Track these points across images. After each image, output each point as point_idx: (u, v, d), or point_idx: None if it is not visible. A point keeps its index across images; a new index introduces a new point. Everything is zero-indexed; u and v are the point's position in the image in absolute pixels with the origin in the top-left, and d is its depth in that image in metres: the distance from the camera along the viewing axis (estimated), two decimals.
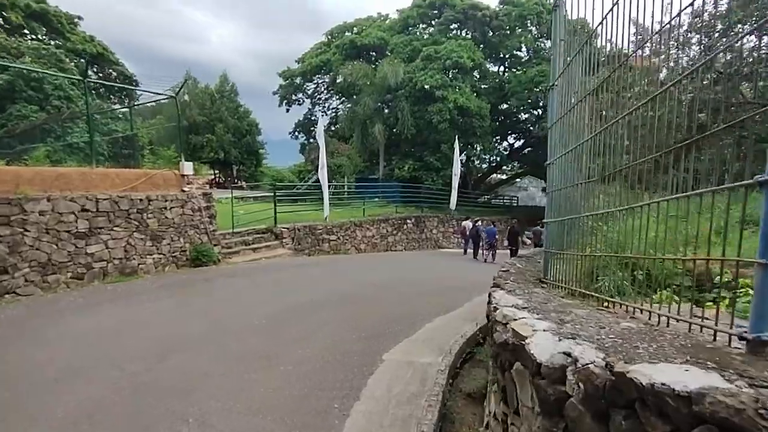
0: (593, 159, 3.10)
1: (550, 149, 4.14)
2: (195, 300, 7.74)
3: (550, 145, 4.17)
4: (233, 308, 7.22)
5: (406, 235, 20.04)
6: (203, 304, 7.49)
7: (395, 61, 22.55)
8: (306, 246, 14.71)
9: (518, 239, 15.85)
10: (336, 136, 26.46)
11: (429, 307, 8.19)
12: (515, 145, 33.37)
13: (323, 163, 15.94)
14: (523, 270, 5.44)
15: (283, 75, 32.95)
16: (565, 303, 3.04)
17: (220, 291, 8.48)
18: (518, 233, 15.91)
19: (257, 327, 6.23)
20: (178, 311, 6.94)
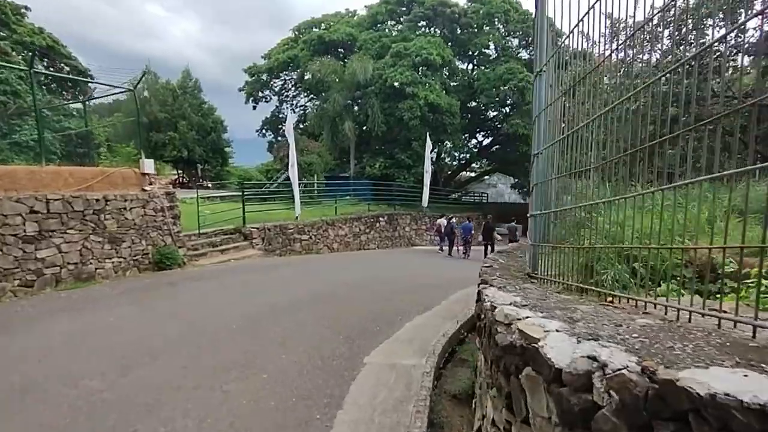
0: (589, 147, 2.95)
1: (537, 139, 4.00)
2: (160, 305, 7.23)
3: (536, 134, 4.03)
4: (203, 313, 6.78)
5: (379, 234, 19.83)
6: (169, 309, 7.00)
7: (364, 58, 22.25)
8: (277, 246, 14.24)
9: (493, 235, 15.97)
10: (305, 133, 25.91)
11: (407, 306, 8.01)
12: (484, 142, 33.78)
13: (293, 160, 15.49)
14: (506, 265, 5.31)
15: (249, 71, 32.04)
16: (564, 299, 2.88)
17: (187, 295, 7.99)
18: (493, 229, 16.02)
19: (230, 332, 5.84)
20: (142, 318, 6.44)
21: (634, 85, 2.53)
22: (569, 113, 3.41)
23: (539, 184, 3.97)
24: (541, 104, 3.92)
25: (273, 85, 34.17)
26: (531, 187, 5.23)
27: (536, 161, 4.00)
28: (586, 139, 2.96)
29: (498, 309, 2.55)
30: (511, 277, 4.34)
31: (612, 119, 2.65)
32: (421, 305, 8.18)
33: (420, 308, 7.96)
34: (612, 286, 2.72)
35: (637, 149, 2.44)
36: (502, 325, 2.44)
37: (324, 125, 23.85)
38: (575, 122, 3.15)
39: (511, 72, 23.32)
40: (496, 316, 2.54)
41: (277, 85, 34.42)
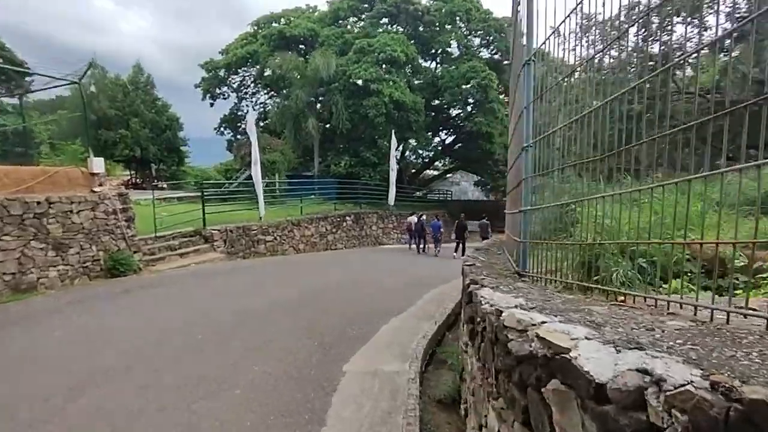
0: (593, 137, 2.79)
1: (526, 132, 3.83)
2: (114, 317, 6.60)
3: (525, 127, 3.86)
4: (163, 323, 6.23)
5: (346, 233, 19.47)
6: (125, 320, 6.40)
7: (328, 53, 21.76)
8: (240, 248, 13.61)
9: (465, 233, 16.07)
10: (267, 131, 25.09)
11: (382, 308, 7.76)
12: (447, 140, 34.02)
13: (256, 158, 14.86)
14: (489, 263, 5.16)
15: (205, 67, 30.70)
16: (569, 299, 2.70)
17: (144, 304, 7.37)
18: (465, 227, 16.09)
19: (195, 344, 5.37)
20: (93, 332, 5.83)
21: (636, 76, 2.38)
22: (571, 103, 3.24)
23: (528, 179, 3.81)
24: (530, 96, 3.76)
25: (231, 82, 32.95)
26: (513, 183, 5.10)
27: (524, 155, 3.83)
28: (586, 131, 2.79)
29: (507, 313, 2.33)
30: (499, 275, 4.17)
31: (614, 110, 2.49)
32: (396, 306, 7.96)
33: (395, 310, 7.74)
34: (620, 285, 2.57)
35: (643, 141, 2.29)
36: (513, 332, 2.22)
37: (286, 122, 23.15)
38: (573, 114, 2.99)
39: (474, 70, 23.52)
40: (505, 322, 2.31)
41: (236, 81, 33.22)
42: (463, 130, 32.19)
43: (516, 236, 4.51)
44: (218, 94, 32.73)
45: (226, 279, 9.72)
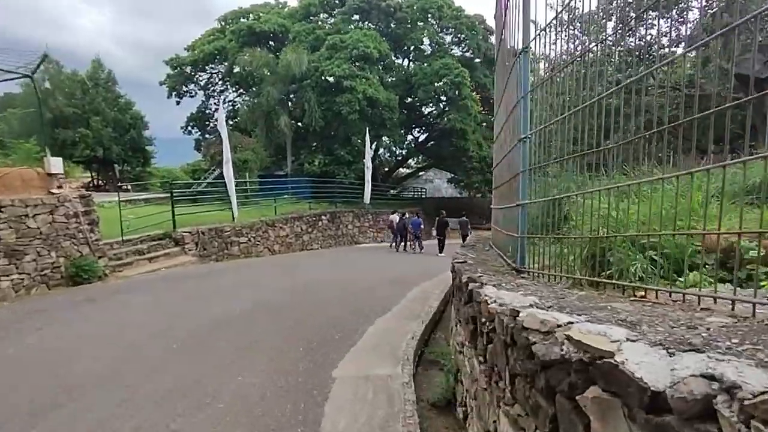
0: (593, 128, 2.66)
1: (523, 123, 3.68)
2: (77, 327, 6.12)
3: (521, 118, 3.71)
4: (134, 332, 5.81)
5: (322, 233, 19.12)
6: (90, 331, 5.93)
7: (299, 49, 21.28)
8: (213, 251, 13.09)
9: (446, 230, 16.42)
10: (237, 129, 24.38)
11: (366, 308, 7.55)
12: (420, 138, 34.05)
13: (228, 157, 14.33)
14: (480, 260, 5.03)
15: (170, 63, 29.54)
16: (585, 296, 2.57)
17: (111, 312, 6.88)
18: (446, 224, 16.42)
19: (171, 354, 5.01)
20: (54, 347, 5.35)
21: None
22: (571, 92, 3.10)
23: (526, 171, 3.68)
24: (527, 85, 3.62)
25: (198, 79, 31.89)
26: (502, 178, 4.97)
27: (521, 147, 3.69)
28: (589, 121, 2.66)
29: (525, 314, 2.16)
30: (496, 272, 4.02)
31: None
32: (380, 306, 7.76)
33: (379, 310, 7.54)
34: (637, 279, 2.45)
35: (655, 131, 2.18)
36: (536, 334, 2.05)
37: (257, 120, 22.53)
38: (579, 101, 2.85)
39: (447, 67, 23.54)
40: (524, 323, 2.14)
41: (203, 79, 32.18)
42: (436, 127, 32.28)
43: (511, 231, 4.39)
44: (184, 92, 31.61)
45: (199, 283, 9.27)
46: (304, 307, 7.36)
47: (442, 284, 10.82)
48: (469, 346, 3.54)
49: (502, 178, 5.09)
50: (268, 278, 10.22)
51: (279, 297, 8.03)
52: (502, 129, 4.94)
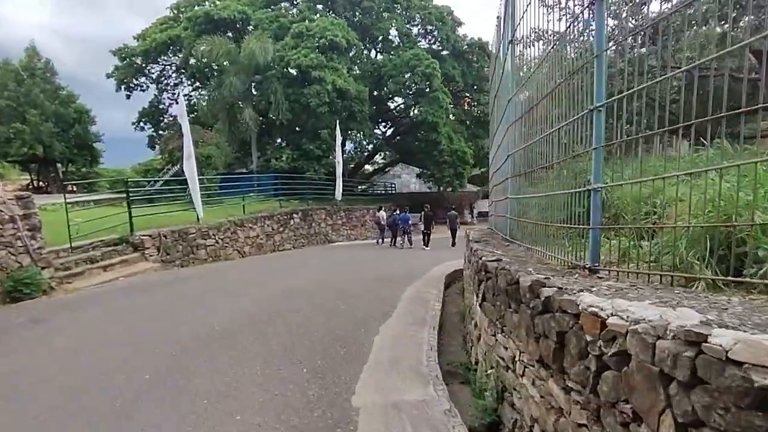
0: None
1: (596, 88, 2.96)
2: (13, 358, 4.92)
3: (595, 82, 2.99)
4: (89, 360, 4.72)
5: (294, 232, 18.03)
6: (31, 361, 4.77)
7: (264, 37, 19.94)
8: (177, 256, 11.80)
9: (432, 224, 16.86)
10: (197, 123, 22.73)
11: (364, 315, 6.74)
12: (387, 133, 33.32)
13: (190, 152, 13.01)
14: (515, 257, 4.34)
15: (118, 54, 27.19)
16: (743, 302, 1.90)
17: (59, 335, 5.68)
18: (432, 218, 16.87)
19: (138, 390, 3.98)
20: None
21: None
22: None
23: (601, 149, 2.97)
24: (601, 41, 2.91)
25: (150, 71, 29.66)
26: (519, 167, 4.29)
27: (595, 118, 2.97)
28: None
29: (727, 340, 1.42)
30: (556, 272, 3.33)
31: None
32: (379, 311, 6.97)
33: (379, 315, 6.75)
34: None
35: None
36: (757, 371, 1.33)
37: (219, 114, 21.01)
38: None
39: (418, 58, 22.88)
40: (730, 354, 1.40)
41: (155, 71, 29.97)
42: (403, 122, 31.68)
43: (548, 222, 3.71)
44: (135, 86, 29.31)
45: (165, 294, 8.11)
46: (293, 318, 6.44)
47: (434, 282, 10.14)
48: (546, 367, 2.80)
49: (533, 162, 4.41)
50: (244, 285, 9.17)
51: (261, 307, 7.06)
52: (500, 118, 4.22)
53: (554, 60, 3.93)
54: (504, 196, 6.26)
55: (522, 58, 5.46)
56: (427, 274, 10.95)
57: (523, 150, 4.83)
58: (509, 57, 5.58)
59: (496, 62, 7.92)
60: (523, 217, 4.85)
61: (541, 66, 4.28)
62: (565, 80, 3.49)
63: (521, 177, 4.97)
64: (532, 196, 4.44)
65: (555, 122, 3.73)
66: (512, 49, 5.50)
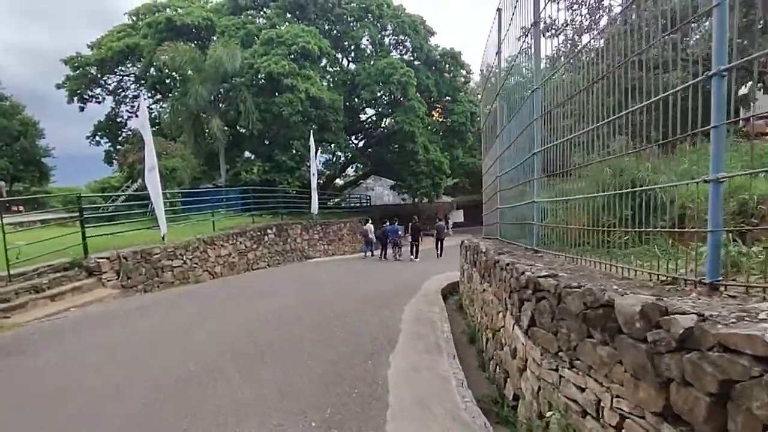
0: None
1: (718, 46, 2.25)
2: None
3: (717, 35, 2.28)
4: (30, 425, 3.58)
5: (269, 249, 16.83)
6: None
7: (231, 43, 18.86)
8: (140, 280, 10.48)
9: (420, 234, 16.87)
10: (160, 136, 21.24)
11: (366, 341, 5.87)
12: (360, 144, 32.58)
13: (153, 163, 11.75)
14: (574, 270, 3.60)
15: (71, 63, 25.28)
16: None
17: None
18: (420, 229, 16.90)
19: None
20: None
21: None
22: None
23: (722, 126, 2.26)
24: None
25: (106, 82, 27.84)
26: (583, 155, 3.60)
27: (715, 85, 2.26)
28: None
29: None
30: (665, 290, 2.58)
31: None
32: (383, 336, 6.09)
33: (384, 341, 5.87)
34: None
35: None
36: None
37: (184, 125, 19.63)
38: None
39: (393, 66, 22.35)
40: None
41: (113, 82, 28.17)
42: (375, 133, 31.06)
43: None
44: (89, 97, 27.41)
45: (126, 326, 6.89)
46: (285, 349, 5.45)
47: (432, 298, 9.33)
48: (681, 424, 2.02)
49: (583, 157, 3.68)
50: (220, 310, 8.05)
51: (245, 337, 6.01)
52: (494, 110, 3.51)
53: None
54: (523, 200, 5.55)
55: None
56: (421, 290, 10.14)
57: (560, 145, 4.12)
58: (537, 46, 4.92)
59: (498, 58, 7.32)
60: (558, 221, 4.13)
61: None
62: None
63: (556, 176, 4.26)
64: (584, 197, 3.71)
65: (615, 110, 3.03)
66: (537, 33, 4.83)
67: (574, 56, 3.90)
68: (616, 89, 3.16)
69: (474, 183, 38.84)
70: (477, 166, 34.93)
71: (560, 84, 4.25)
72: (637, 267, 2.97)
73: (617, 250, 3.50)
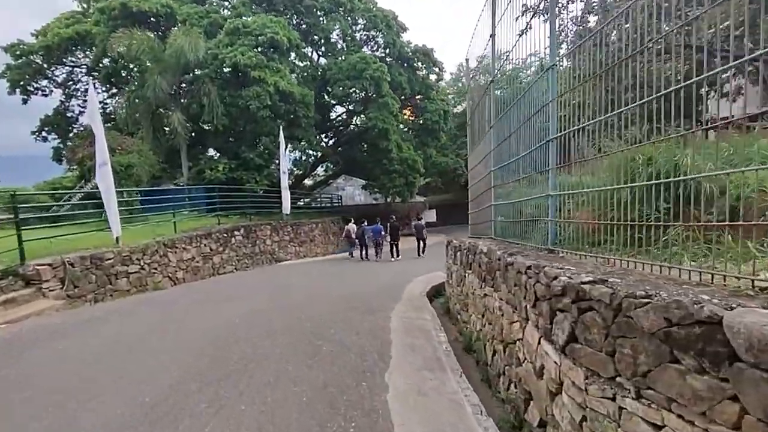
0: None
1: None
2: None
3: None
4: None
5: (236, 252, 15.73)
6: None
7: (194, 32, 17.58)
8: (89, 288, 9.30)
9: (399, 234, 16.93)
10: (116, 129, 19.63)
11: (355, 356, 5.15)
12: (329, 143, 31.60)
13: (105, 158, 10.53)
14: (613, 274, 3.00)
15: (11, 51, 23.05)
16: None
17: None
18: (399, 228, 17.07)
19: None
20: None
21: None
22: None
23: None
24: None
25: (53, 74, 25.65)
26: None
27: None
28: None
29: None
30: (728, 295, 1.99)
31: None
32: (372, 349, 5.40)
33: (374, 356, 5.19)
34: None
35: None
36: None
37: (142, 119, 18.19)
38: None
39: (366, 61, 21.61)
40: None
41: (62, 73, 25.99)
42: (345, 131, 30.26)
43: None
44: (35, 89, 25.15)
45: (69, 347, 5.84)
46: (262, 372, 4.64)
47: (419, 302, 8.68)
48: None
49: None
50: (183, 322, 7.08)
51: (213, 356, 5.14)
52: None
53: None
54: (531, 194, 4.98)
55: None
56: (405, 292, 9.48)
57: (588, 128, 3.53)
58: (553, 18, 4.33)
59: (491, 42, 6.74)
60: (581, 216, 3.54)
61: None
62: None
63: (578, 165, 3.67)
64: (616, 187, 3.11)
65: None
66: (553, 3, 4.25)
67: (612, 20, 3.31)
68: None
69: (447, 182, 38.65)
70: (449, 165, 34.77)
71: (589, 56, 3.65)
72: (714, 270, 2.39)
73: (659, 248, 2.93)
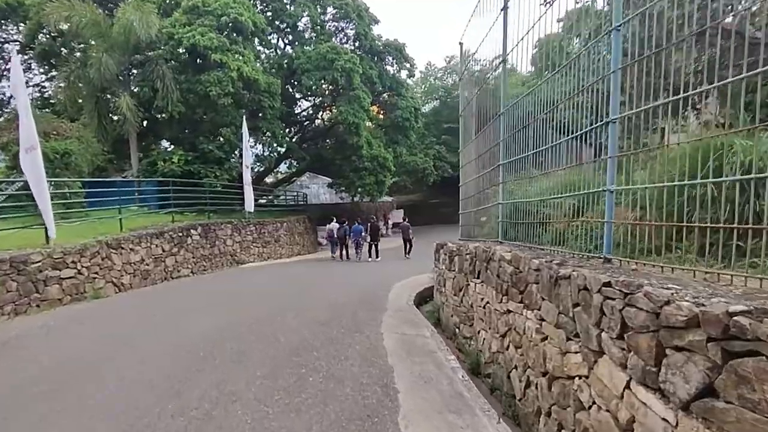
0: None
1: None
2: None
3: None
4: None
5: (193, 253, 14.12)
6: None
7: (146, 6, 15.72)
8: (7, 299, 7.65)
9: (379, 234, 16.83)
10: (55, 114, 17.34)
11: (351, 391, 4.11)
12: (293, 138, 30.04)
13: (34, 141, 8.81)
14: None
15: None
16: None
17: None
18: (379, 228, 17.14)
19: None
20: None
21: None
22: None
23: None
24: None
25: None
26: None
27: None
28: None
29: None
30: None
31: None
32: (371, 381, 4.35)
33: (376, 389, 4.15)
34: None
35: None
36: None
37: (85, 102, 16.09)
38: None
39: (336, 51, 20.38)
40: None
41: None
42: (311, 127, 28.90)
43: None
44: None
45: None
46: (233, 416, 3.48)
47: (409, 313, 7.70)
48: None
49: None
50: (129, 340, 5.71)
51: (168, 391, 3.91)
52: None
53: None
54: (567, 189, 4.11)
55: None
56: (390, 300, 8.48)
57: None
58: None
59: (503, 16, 5.84)
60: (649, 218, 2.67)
61: None
62: None
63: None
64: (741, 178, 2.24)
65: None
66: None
67: None
68: None
69: (415, 182, 38.00)
70: (419, 164, 34.11)
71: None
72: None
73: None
